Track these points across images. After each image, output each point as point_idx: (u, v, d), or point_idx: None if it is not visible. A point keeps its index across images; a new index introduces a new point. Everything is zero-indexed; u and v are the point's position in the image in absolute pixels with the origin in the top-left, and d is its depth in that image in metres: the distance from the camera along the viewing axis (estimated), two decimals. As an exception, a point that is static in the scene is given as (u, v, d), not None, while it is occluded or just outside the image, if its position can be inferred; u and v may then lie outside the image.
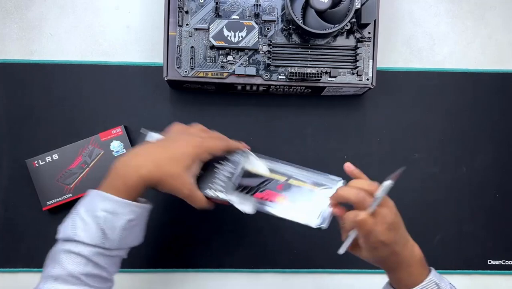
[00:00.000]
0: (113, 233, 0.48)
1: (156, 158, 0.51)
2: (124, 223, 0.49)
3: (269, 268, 0.69)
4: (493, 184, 0.71)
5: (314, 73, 0.62)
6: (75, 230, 0.48)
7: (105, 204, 0.48)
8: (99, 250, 0.48)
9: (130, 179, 0.49)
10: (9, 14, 0.68)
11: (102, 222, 0.48)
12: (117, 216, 0.48)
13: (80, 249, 0.47)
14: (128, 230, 0.50)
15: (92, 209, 0.48)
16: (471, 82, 0.71)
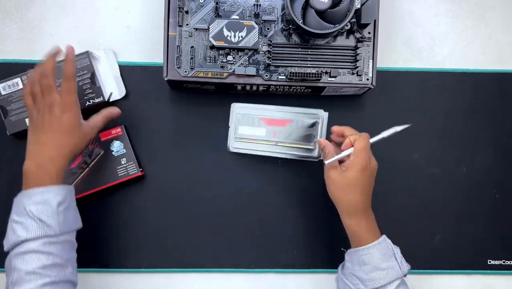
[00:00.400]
0: (52, 219, 0.52)
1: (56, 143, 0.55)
2: (56, 206, 0.52)
3: (269, 268, 0.69)
4: (493, 184, 0.71)
5: (314, 73, 0.62)
6: (15, 232, 0.51)
7: (32, 198, 0.52)
8: (45, 240, 0.51)
9: (52, 172, 0.54)
10: (9, 14, 0.68)
11: (37, 213, 0.51)
12: (47, 203, 0.52)
13: (27, 246, 0.50)
14: (63, 212, 0.53)
15: (21, 209, 0.52)
16: (471, 82, 0.71)
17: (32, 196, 0.53)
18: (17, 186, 0.67)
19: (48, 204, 0.52)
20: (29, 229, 0.51)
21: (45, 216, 0.51)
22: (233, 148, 0.66)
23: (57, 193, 0.53)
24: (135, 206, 0.68)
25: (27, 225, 0.51)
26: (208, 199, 0.68)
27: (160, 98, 0.68)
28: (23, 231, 0.51)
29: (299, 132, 0.65)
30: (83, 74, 0.66)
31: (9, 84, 0.65)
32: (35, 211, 0.51)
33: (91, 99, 0.66)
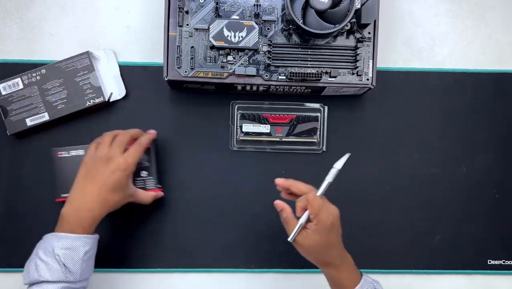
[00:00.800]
0: (75, 266, 0.54)
1: (98, 196, 0.57)
2: (82, 255, 0.54)
3: (269, 268, 0.69)
4: (493, 184, 0.71)
5: (314, 73, 0.62)
6: (38, 271, 0.53)
7: (62, 242, 0.54)
8: (64, 285, 0.53)
9: (86, 222, 0.56)
10: (9, 14, 0.68)
11: (63, 258, 0.53)
12: (75, 250, 0.54)
13: (46, 288, 0.52)
14: (86, 261, 0.55)
15: (50, 250, 0.53)
16: (471, 82, 0.71)
17: (62, 240, 0.54)
18: (17, 186, 0.67)
19: (76, 251, 0.54)
20: (53, 272, 0.52)
21: (70, 263, 0.53)
22: (236, 146, 0.66)
23: (86, 242, 0.55)
24: (134, 206, 0.68)
25: (51, 267, 0.53)
26: (208, 198, 0.68)
27: (160, 98, 0.68)
28: (47, 272, 0.52)
29: (303, 128, 0.67)
30: (83, 74, 0.66)
31: (9, 84, 0.65)
32: (62, 256, 0.53)
33: (91, 99, 0.66)
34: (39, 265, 0.53)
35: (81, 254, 0.54)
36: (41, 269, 0.53)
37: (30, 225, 0.67)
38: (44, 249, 0.54)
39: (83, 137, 0.68)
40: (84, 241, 0.55)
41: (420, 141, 0.70)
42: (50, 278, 0.52)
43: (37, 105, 0.65)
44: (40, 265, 0.53)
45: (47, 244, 0.54)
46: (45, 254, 0.53)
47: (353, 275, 0.56)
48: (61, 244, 0.54)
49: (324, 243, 0.54)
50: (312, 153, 0.69)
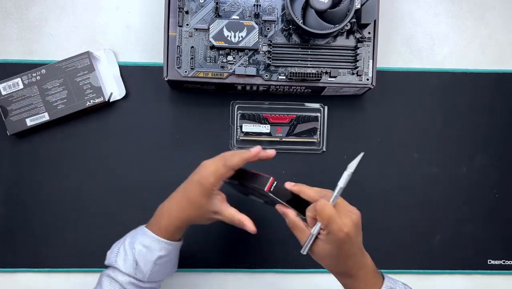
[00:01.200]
0: (145, 266, 0.53)
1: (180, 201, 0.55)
2: (156, 258, 0.53)
3: (269, 268, 0.69)
4: (493, 184, 0.71)
5: (314, 73, 0.62)
6: (117, 257, 0.54)
7: (144, 239, 0.54)
8: (132, 280, 0.53)
9: (163, 222, 0.54)
10: (9, 14, 0.68)
11: (137, 254, 0.53)
12: (150, 251, 0.53)
13: (117, 275, 0.53)
14: (159, 265, 0.54)
15: (133, 241, 0.54)
16: (471, 82, 0.71)
17: (144, 236, 0.54)
18: (16, 186, 0.67)
19: (151, 252, 0.54)
20: (126, 263, 0.53)
21: (142, 261, 0.53)
22: (236, 146, 0.66)
23: (163, 247, 0.54)
24: (135, 206, 0.68)
25: (127, 258, 0.53)
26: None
27: (160, 98, 0.68)
28: (122, 262, 0.53)
29: (303, 127, 0.67)
30: (83, 74, 0.66)
31: (9, 84, 0.65)
32: (137, 252, 0.53)
33: (91, 99, 0.66)
34: (120, 252, 0.54)
35: (155, 257, 0.53)
36: (119, 256, 0.54)
37: (31, 225, 0.67)
38: (131, 238, 0.55)
39: (83, 137, 0.68)
40: (162, 245, 0.54)
41: (420, 141, 0.70)
42: (122, 268, 0.53)
43: (37, 105, 0.65)
44: (121, 253, 0.54)
45: (135, 234, 0.55)
46: (129, 243, 0.54)
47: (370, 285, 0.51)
48: (142, 240, 0.54)
49: (336, 254, 0.48)
50: (312, 152, 0.69)
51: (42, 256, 0.67)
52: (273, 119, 0.68)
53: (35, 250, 0.67)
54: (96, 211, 0.68)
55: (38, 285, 0.68)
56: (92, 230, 0.68)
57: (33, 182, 0.67)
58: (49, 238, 0.67)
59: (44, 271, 0.67)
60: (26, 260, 0.67)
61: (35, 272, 0.67)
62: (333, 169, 0.69)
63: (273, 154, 0.54)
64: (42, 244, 0.67)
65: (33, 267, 0.67)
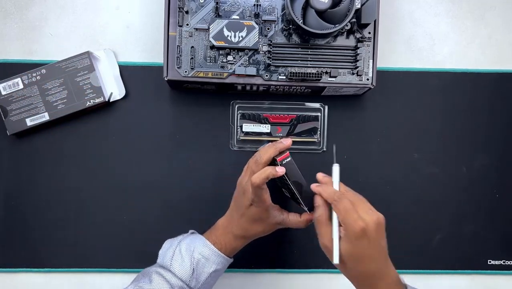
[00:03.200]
0: (200, 276, 0.55)
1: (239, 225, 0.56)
2: (212, 271, 0.55)
3: (269, 268, 0.69)
4: (493, 184, 0.71)
5: (314, 73, 0.62)
6: (172, 260, 0.55)
7: (204, 250, 0.55)
8: (184, 286, 0.54)
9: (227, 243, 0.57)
10: (9, 14, 0.68)
11: (195, 263, 0.55)
12: (208, 263, 0.55)
13: (170, 277, 0.54)
14: (212, 277, 0.56)
15: (191, 249, 0.55)
16: (471, 82, 0.71)
17: (205, 247, 0.56)
18: (16, 186, 0.67)
19: (209, 263, 0.55)
20: (182, 268, 0.54)
21: (199, 270, 0.55)
22: (236, 146, 0.66)
23: (220, 262, 0.56)
24: (135, 206, 0.68)
25: (184, 263, 0.54)
26: (208, 198, 0.68)
27: (160, 98, 0.68)
28: (178, 266, 0.54)
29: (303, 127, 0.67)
30: (83, 74, 0.66)
31: (9, 84, 0.65)
32: (196, 260, 0.55)
33: (91, 99, 0.66)
34: (176, 255, 0.55)
35: (212, 269, 0.55)
36: (175, 260, 0.55)
37: (30, 225, 0.67)
38: (188, 245, 0.56)
39: (83, 137, 0.68)
40: (220, 260, 0.56)
41: (420, 142, 0.70)
42: (177, 272, 0.54)
43: (37, 105, 0.65)
44: (177, 257, 0.55)
45: (193, 241, 0.56)
46: (186, 250, 0.55)
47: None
48: (202, 250, 0.55)
49: (355, 253, 0.47)
50: (312, 152, 0.69)
51: (42, 256, 0.67)
52: (273, 119, 0.68)
53: (35, 250, 0.67)
54: (96, 211, 0.68)
55: (37, 285, 0.68)
56: (92, 230, 0.68)
57: (33, 181, 0.67)
58: (49, 238, 0.67)
59: (43, 271, 0.67)
60: (25, 260, 0.67)
61: (35, 272, 0.67)
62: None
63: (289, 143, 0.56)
64: (41, 244, 0.67)
65: (32, 267, 0.67)
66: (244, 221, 0.56)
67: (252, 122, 0.68)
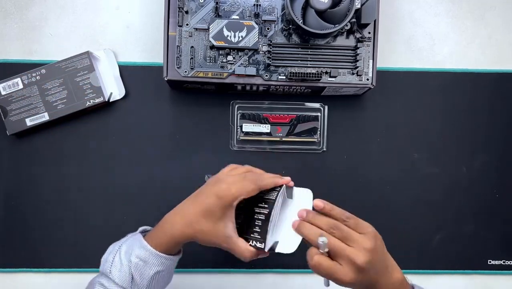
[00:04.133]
0: (141, 281, 0.51)
1: (187, 214, 0.51)
2: (153, 274, 0.51)
3: (269, 268, 0.69)
4: (493, 184, 0.71)
5: (314, 73, 0.62)
6: (111, 268, 0.51)
7: (141, 252, 0.51)
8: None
9: (164, 236, 0.51)
10: (9, 14, 0.68)
11: (133, 268, 0.50)
12: (148, 265, 0.51)
13: (111, 286, 0.50)
14: (156, 280, 0.52)
15: (130, 252, 0.51)
16: (471, 82, 0.71)
17: (141, 249, 0.51)
18: (16, 186, 0.67)
19: (148, 267, 0.51)
20: (121, 275, 0.50)
21: (138, 276, 0.50)
22: (236, 146, 0.67)
23: (161, 262, 0.51)
24: (135, 206, 0.68)
25: (122, 270, 0.50)
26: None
27: (160, 98, 0.68)
28: (117, 273, 0.50)
29: (303, 127, 0.67)
30: (83, 74, 0.66)
31: (9, 84, 0.65)
32: (133, 265, 0.50)
33: (91, 99, 0.66)
34: (115, 262, 0.51)
35: (152, 272, 0.51)
36: (114, 266, 0.51)
37: (30, 225, 0.67)
38: (127, 248, 0.52)
39: (83, 137, 0.68)
40: (161, 260, 0.51)
41: (420, 142, 0.70)
42: (117, 280, 0.50)
43: (37, 105, 0.65)
44: (116, 263, 0.51)
45: (132, 244, 0.52)
46: (125, 254, 0.51)
47: None
48: (139, 253, 0.51)
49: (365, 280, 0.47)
50: (312, 152, 0.69)
51: (42, 256, 0.67)
52: (273, 119, 0.68)
53: (35, 250, 0.67)
54: (96, 211, 0.68)
55: (37, 285, 0.68)
56: (92, 230, 0.67)
57: (33, 181, 0.67)
58: (49, 238, 0.67)
59: (43, 271, 0.67)
60: (25, 260, 0.67)
61: (35, 272, 0.67)
62: (334, 169, 0.69)
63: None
64: (41, 244, 0.67)
65: (32, 267, 0.67)
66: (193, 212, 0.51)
67: (252, 122, 0.68)
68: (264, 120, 0.68)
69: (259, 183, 0.51)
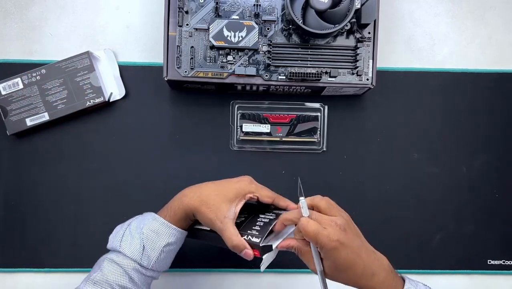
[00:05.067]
0: (152, 252, 0.52)
1: (203, 190, 0.54)
2: (164, 245, 0.53)
3: (269, 268, 0.69)
4: (493, 184, 0.71)
5: (314, 73, 0.62)
6: (121, 242, 0.52)
7: (153, 224, 0.53)
8: (136, 266, 0.52)
9: (176, 206, 0.54)
10: (9, 14, 0.68)
11: (145, 239, 0.52)
12: (159, 236, 0.52)
13: (120, 260, 0.51)
14: (166, 252, 0.53)
15: (141, 226, 0.53)
16: (471, 82, 0.71)
17: (154, 221, 0.53)
18: (16, 186, 0.67)
19: (160, 237, 0.53)
20: (132, 248, 0.52)
21: (149, 247, 0.52)
22: (236, 146, 0.67)
23: (172, 233, 0.53)
24: (135, 206, 0.68)
25: (133, 243, 0.52)
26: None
27: (160, 98, 0.68)
28: (127, 246, 0.52)
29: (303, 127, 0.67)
30: (83, 74, 0.66)
31: (9, 84, 0.65)
32: (145, 237, 0.52)
33: (91, 99, 0.66)
34: (126, 236, 0.53)
35: (163, 243, 0.52)
36: (124, 240, 0.52)
37: (30, 225, 0.67)
38: (138, 223, 0.54)
39: (83, 137, 0.68)
40: (171, 231, 0.53)
41: (420, 142, 0.70)
42: (127, 253, 0.51)
43: (37, 105, 0.65)
44: (126, 237, 0.52)
45: (143, 219, 0.54)
46: (136, 228, 0.53)
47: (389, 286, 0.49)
48: (151, 225, 0.53)
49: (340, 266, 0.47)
50: (312, 152, 0.69)
51: (42, 256, 0.67)
52: (273, 119, 0.68)
53: (35, 250, 0.67)
54: (96, 211, 0.68)
55: (37, 285, 0.67)
56: (92, 230, 0.67)
57: (33, 181, 0.67)
58: (49, 238, 0.67)
59: (43, 271, 0.67)
60: (25, 260, 0.67)
61: (35, 272, 0.67)
62: (333, 169, 0.69)
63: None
64: (41, 244, 0.67)
65: (32, 267, 0.67)
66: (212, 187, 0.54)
67: (252, 122, 0.68)
68: (264, 120, 0.68)
69: (276, 197, 0.55)
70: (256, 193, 0.54)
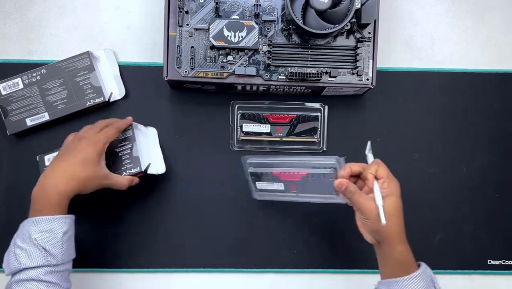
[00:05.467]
0: (54, 248, 0.52)
1: (66, 169, 0.55)
2: (61, 236, 0.52)
3: (269, 268, 0.69)
4: (493, 184, 0.71)
5: (314, 73, 0.62)
6: (18, 259, 0.51)
7: (39, 226, 0.52)
8: (47, 269, 0.51)
9: (52, 199, 0.53)
10: (9, 14, 0.69)
11: (41, 242, 0.51)
12: (53, 232, 0.52)
13: (28, 274, 0.50)
14: (66, 242, 0.53)
15: (27, 236, 0.52)
16: (471, 82, 0.71)
17: (38, 224, 0.52)
18: (16, 186, 0.67)
19: (54, 233, 0.52)
20: (33, 257, 0.50)
21: (49, 245, 0.51)
22: (236, 146, 0.67)
23: (63, 222, 0.53)
24: (135, 206, 0.68)
25: (30, 252, 0.51)
26: (208, 198, 0.68)
27: (160, 98, 0.68)
28: (26, 259, 0.50)
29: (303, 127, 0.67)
30: (83, 74, 0.66)
31: (9, 84, 0.65)
32: (40, 239, 0.51)
33: (91, 99, 0.66)
34: (18, 253, 0.51)
35: (60, 235, 0.52)
36: (20, 256, 0.51)
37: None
38: (22, 237, 0.52)
39: (83, 137, 0.68)
40: (61, 221, 0.53)
41: (420, 142, 0.70)
42: (31, 264, 0.50)
43: (37, 105, 0.65)
44: (19, 253, 0.51)
45: (24, 230, 0.52)
46: (23, 241, 0.52)
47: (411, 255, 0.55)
48: (38, 228, 0.52)
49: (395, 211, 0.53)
50: (312, 152, 0.69)
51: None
52: (273, 119, 0.68)
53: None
54: (95, 211, 0.68)
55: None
56: (91, 230, 0.68)
57: (33, 182, 0.67)
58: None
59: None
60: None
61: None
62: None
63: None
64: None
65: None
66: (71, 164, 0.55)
67: (252, 122, 0.68)
68: (264, 120, 0.68)
69: (117, 127, 0.61)
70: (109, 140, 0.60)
